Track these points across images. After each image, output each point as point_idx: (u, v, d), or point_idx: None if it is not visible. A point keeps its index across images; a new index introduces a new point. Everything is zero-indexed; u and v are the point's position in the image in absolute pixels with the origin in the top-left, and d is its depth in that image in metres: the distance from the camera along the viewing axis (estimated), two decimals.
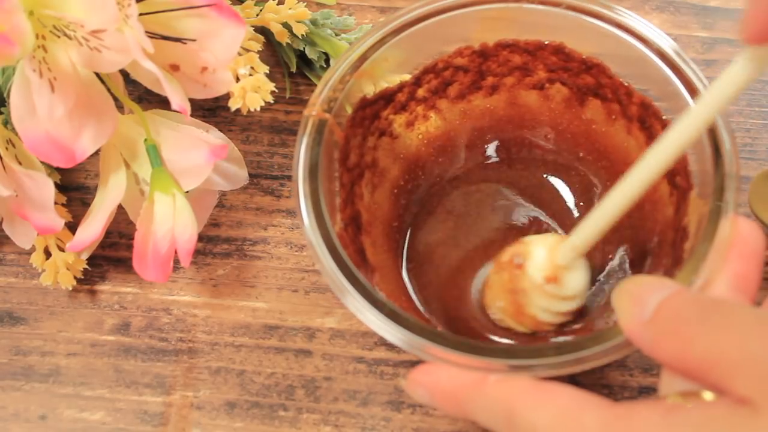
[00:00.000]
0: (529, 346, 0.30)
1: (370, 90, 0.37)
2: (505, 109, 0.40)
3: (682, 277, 0.30)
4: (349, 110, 0.36)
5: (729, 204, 0.31)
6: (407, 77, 0.38)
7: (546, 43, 0.38)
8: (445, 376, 0.29)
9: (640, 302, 0.27)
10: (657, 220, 0.36)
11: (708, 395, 0.25)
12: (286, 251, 0.42)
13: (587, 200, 0.40)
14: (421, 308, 0.37)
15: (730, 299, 0.29)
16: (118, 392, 0.39)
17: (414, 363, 0.39)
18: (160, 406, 0.39)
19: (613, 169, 0.39)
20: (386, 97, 0.38)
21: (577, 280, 0.34)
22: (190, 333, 0.40)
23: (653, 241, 0.36)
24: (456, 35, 0.38)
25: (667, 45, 0.35)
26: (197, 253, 0.42)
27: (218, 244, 0.42)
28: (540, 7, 0.36)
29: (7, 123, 0.38)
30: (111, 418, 0.38)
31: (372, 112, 0.38)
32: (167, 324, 0.40)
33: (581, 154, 0.40)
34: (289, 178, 0.44)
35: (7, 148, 0.37)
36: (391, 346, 0.40)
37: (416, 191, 0.40)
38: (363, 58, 0.36)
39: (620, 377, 0.39)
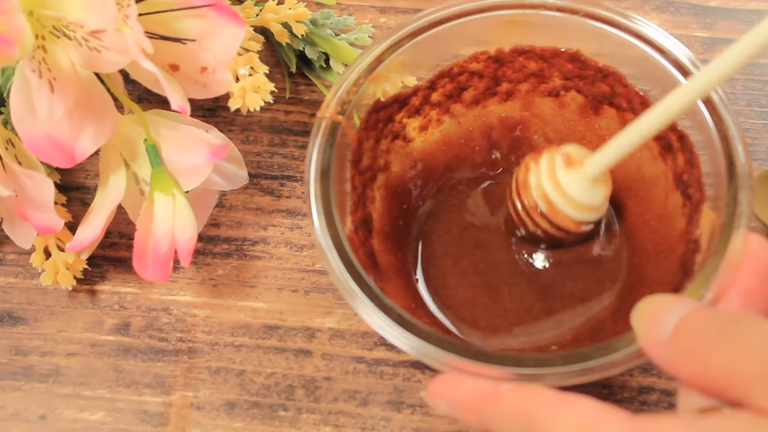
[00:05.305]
0: (537, 355, 0.29)
1: (384, 93, 0.37)
2: (519, 115, 0.40)
3: (692, 290, 0.30)
4: (363, 113, 0.36)
5: (742, 217, 0.31)
6: (413, 81, 0.38)
7: (562, 50, 0.38)
8: (464, 387, 0.29)
9: (659, 321, 0.27)
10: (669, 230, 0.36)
11: (728, 411, 0.25)
12: (286, 251, 0.42)
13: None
14: (436, 312, 0.37)
15: (746, 314, 0.29)
16: (118, 392, 0.39)
17: (414, 363, 0.39)
18: (160, 406, 0.39)
19: (627, 174, 0.39)
20: (400, 101, 0.38)
21: (588, 191, 0.35)
22: (190, 333, 0.40)
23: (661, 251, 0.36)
24: (472, 39, 0.38)
25: (683, 54, 0.35)
26: (197, 253, 0.42)
27: (218, 244, 0.42)
28: (557, 14, 0.36)
29: (7, 123, 0.38)
30: (111, 418, 0.38)
31: (386, 115, 0.38)
32: (167, 324, 0.40)
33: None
34: (288, 178, 0.44)
35: (7, 148, 0.37)
36: (391, 346, 0.40)
37: (428, 194, 0.40)
38: (378, 61, 0.36)
39: (620, 377, 0.39)
